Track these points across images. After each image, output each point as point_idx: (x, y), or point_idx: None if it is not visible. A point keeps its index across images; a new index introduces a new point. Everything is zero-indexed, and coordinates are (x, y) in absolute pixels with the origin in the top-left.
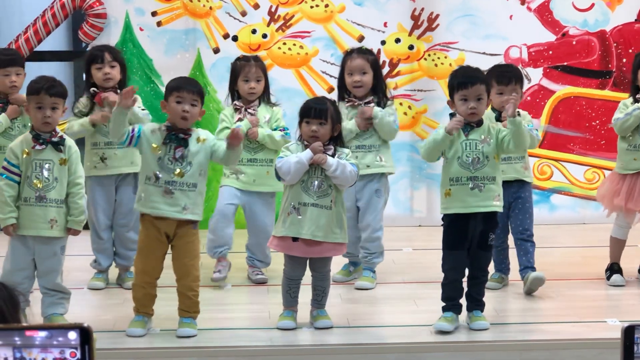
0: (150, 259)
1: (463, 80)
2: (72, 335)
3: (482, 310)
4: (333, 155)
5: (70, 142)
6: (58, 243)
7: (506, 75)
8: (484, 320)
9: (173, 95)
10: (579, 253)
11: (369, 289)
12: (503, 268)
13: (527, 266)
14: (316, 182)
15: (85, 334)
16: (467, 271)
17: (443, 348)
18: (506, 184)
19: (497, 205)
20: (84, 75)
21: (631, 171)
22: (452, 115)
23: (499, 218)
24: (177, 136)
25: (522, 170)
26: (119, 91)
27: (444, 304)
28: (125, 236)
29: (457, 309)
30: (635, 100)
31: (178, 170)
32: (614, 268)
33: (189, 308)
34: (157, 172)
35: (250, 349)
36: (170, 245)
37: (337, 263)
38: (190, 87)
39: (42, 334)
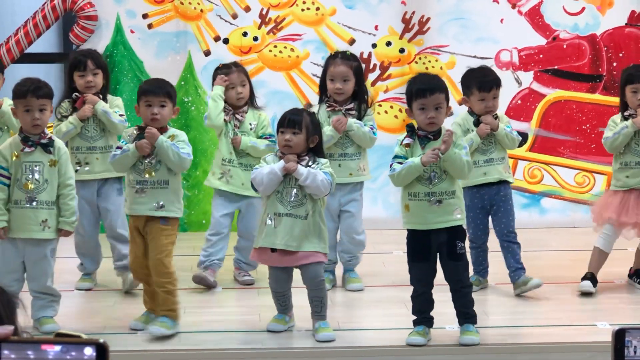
0: (134, 256)
1: (422, 87)
2: (88, 350)
3: (473, 323)
4: (308, 166)
5: (59, 143)
6: (49, 245)
7: (487, 82)
8: (474, 336)
9: (142, 100)
10: (569, 256)
11: (361, 290)
12: (481, 270)
13: (517, 267)
14: (292, 192)
15: (102, 351)
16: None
17: (433, 351)
18: (487, 185)
19: (457, 218)
20: (67, 79)
21: (625, 188)
22: (409, 127)
23: (480, 220)
24: (144, 137)
25: (503, 171)
26: (100, 96)
27: (414, 317)
28: (117, 249)
29: (428, 322)
30: (624, 118)
31: (148, 170)
32: (587, 276)
33: (162, 305)
34: (132, 174)
35: (240, 352)
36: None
37: None
38: (156, 90)
39: (57, 348)
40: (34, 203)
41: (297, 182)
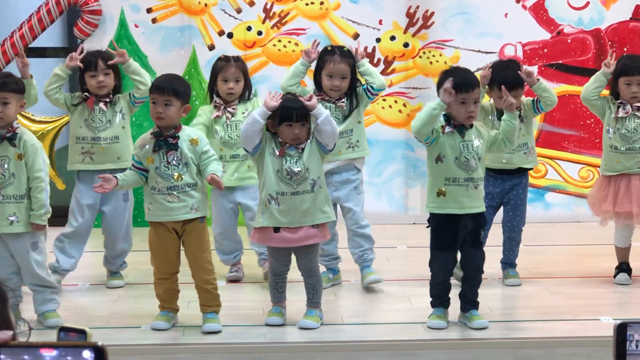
0: (164, 257)
1: (464, 83)
2: (87, 353)
3: (477, 309)
4: (304, 149)
5: (26, 136)
6: (28, 239)
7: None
8: (483, 319)
9: (150, 96)
10: (573, 251)
11: (379, 282)
12: None
13: (507, 262)
14: (292, 170)
15: (100, 353)
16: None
17: (437, 345)
18: (505, 174)
19: (483, 204)
20: (79, 81)
21: (615, 173)
22: (446, 117)
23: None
24: (166, 141)
25: (524, 157)
26: (111, 95)
27: (431, 300)
28: (114, 246)
29: (447, 304)
30: (617, 107)
31: (176, 174)
32: (622, 267)
33: (209, 302)
34: (158, 181)
35: (245, 346)
36: (181, 242)
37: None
38: (162, 87)
39: (54, 352)
40: (0, 197)
41: (297, 161)
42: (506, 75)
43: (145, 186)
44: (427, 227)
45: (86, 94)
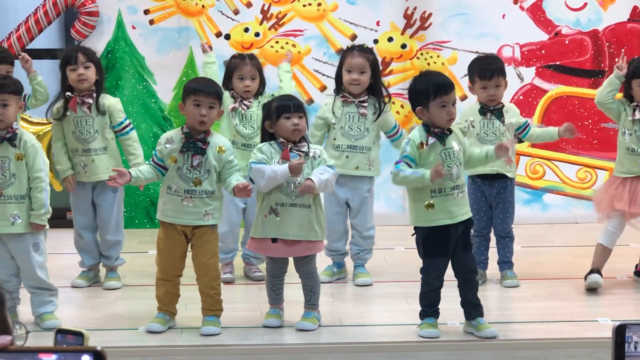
0: (170, 258)
1: (443, 85)
2: (86, 358)
3: (482, 315)
4: (307, 153)
5: (26, 137)
6: (29, 239)
7: (488, 69)
8: (492, 328)
9: (190, 98)
10: (571, 252)
11: (370, 285)
12: (482, 261)
13: (503, 261)
14: (294, 183)
15: (99, 358)
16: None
17: (435, 347)
18: (489, 179)
19: (469, 209)
20: (61, 77)
21: (632, 175)
22: (425, 126)
23: (484, 212)
24: (195, 144)
25: (503, 164)
26: (94, 92)
27: (421, 309)
28: (105, 238)
29: (436, 314)
30: (633, 110)
31: (196, 179)
32: (593, 271)
33: (211, 306)
34: (176, 182)
35: (242, 348)
36: (190, 245)
37: (321, 262)
38: (207, 90)
39: (54, 357)
40: (1, 198)
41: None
42: (485, 66)
43: (162, 185)
44: (412, 234)
45: (69, 93)
